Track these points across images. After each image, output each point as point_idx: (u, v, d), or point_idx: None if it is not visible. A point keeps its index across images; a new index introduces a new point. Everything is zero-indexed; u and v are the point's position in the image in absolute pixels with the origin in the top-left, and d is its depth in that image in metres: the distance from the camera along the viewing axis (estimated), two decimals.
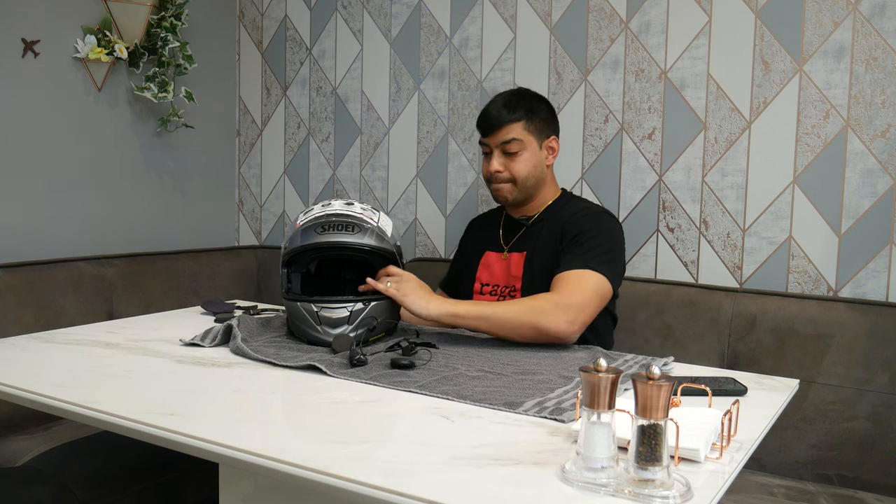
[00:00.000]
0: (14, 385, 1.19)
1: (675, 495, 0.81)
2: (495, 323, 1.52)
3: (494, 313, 1.52)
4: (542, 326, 1.50)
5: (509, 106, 1.76)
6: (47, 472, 1.62)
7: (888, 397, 1.68)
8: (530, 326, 1.51)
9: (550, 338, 1.52)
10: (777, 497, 1.61)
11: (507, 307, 1.53)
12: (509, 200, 1.80)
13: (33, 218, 2.22)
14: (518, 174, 1.76)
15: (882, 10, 1.81)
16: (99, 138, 2.38)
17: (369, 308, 1.48)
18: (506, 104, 1.77)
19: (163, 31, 2.40)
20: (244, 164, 2.85)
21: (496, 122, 1.76)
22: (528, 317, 1.51)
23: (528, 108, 1.77)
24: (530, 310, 1.52)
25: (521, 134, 1.75)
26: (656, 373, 0.81)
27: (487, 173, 1.79)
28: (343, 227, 1.50)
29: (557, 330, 1.51)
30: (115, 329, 1.65)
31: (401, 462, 0.91)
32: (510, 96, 1.80)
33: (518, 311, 1.52)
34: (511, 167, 1.76)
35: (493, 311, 1.52)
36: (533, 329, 1.51)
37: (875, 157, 1.84)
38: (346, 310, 1.47)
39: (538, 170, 1.78)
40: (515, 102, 1.78)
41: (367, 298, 1.49)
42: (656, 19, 2.06)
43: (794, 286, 1.94)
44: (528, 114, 1.77)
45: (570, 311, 1.52)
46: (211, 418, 1.07)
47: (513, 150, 1.75)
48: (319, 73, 2.66)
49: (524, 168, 1.76)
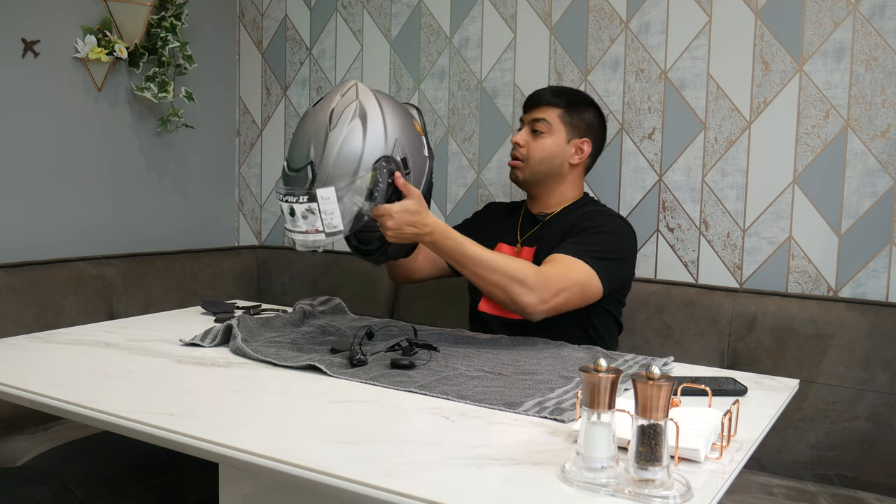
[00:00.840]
0: (14, 385, 1.19)
1: (675, 495, 0.81)
2: (473, 270, 1.53)
3: (475, 257, 1.52)
4: (514, 295, 1.52)
5: (555, 92, 1.83)
6: (47, 472, 1.62)
7: (888, 397, 1.68)
8: (504, 290, 1.52)
9: (517, 308, 1.54)
10: (777, 497, 1.61)
11: (489, 258, 1.53)
12: (519, 179, 1.82)
13: (33, 218, 2.22)
14: (533, 154, 1.78)
15: (882, 10, 1.81)
16: (99, 138, 2.38)
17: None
18: (554, 91, 1.83)
19: (163, 31, 2.40)
20: (244, 164, 2.85)
21: (536, 99, 1.82)
22: (505, 280, 1.52)
23: (572, 101, 1.82)
24: (510, 275, 1.52)
25: (553, 119, 1.79)
26: (656, 373, 0.82)
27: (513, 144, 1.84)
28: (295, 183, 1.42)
29: (525, 303, 1.52)
30: (115, 329, 1.65)
31: (401, 462, 0.91)
32: (561, 87, 1.89)
33: (497, 268, 1.52)
34: (530, 145, 1.79)
35: (473, 254, 1.52)
36: (505, 294, 1.52)
37: (875, 157, 1.84)
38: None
39: (556, 160, 1.79)
40: (563, 93, 1.84)
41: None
42: (656, 19, 2.06)
43: (794, 286, 1.94)
44: (570, 106, 1.81)
45: (547, 290, 1.53)
46: (211, 418, 1.07)
47: (540, 130, 1.79)
48: (319, 73, 2.66)
49: (541, 151, 1.78)
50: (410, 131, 1.50)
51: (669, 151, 2.07)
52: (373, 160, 1.42)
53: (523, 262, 1.57)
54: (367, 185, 1.41)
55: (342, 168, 1.39)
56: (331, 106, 1.45)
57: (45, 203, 2.25)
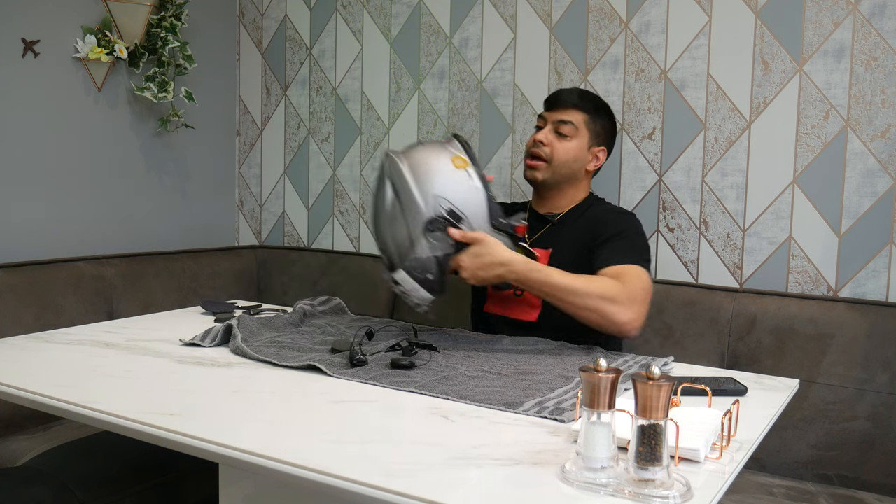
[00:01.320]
0: (14, 385, 1.19)
1: (675, 495, 0.81)
2: (563, 300, 1.49)
3: (563, 286, 1.49)
4: (610, 315, 1.48)
5: (583, 97, 1.81)
6: (47, 472, 1.62)
7: (888, 397, 1.68)
8: (598, 312, 1.48)
9: (614, 328, 1.50)
10: (777, 497, 1.61)
11: (578, 284, 1.50)
12: (538, 179, 1.79)
13: (33, 218, 2.22)
14: (559, 156, 1.77)
15: (882, 10, 1.81)
16: (99, 138, 2.38)
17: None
18: (581, 95, 1.82)
19: (163, 31, 2.40)
20: (244, 164, 2.85)
21: (566, 100, 1.79)
22: (598, 302, 1.48)
23: (598, 108, 1.82)
24: (602, 296, 1.49)
25: (580, 123, 1.78)
26: (656, 373, 0.82)
27: (530, 143, 1.81)
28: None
29: (623, 321, 1.49)
30: (115, 329, 1.65)
31: (401, 462, 0.91)
32: (586, 91, 1.85)
33: (588, 292, 1.49)
34: (555, 146, 1.77)
35: (562, 284, 1.49)
36: (600, 316, 1.49)
37: (875, 157, 1.84)
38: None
39: (577, 164, 1.79)
40: (591, 98, 1.82)
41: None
42: (656, 19, 2.06)
43: (794, 286, 1.94)
44: (595, 113, 1.80)
45: (635, 305, 1.51)
46: (211, 418, 1.07)
47: (565, 133, 1.77)
48: (319, 73, 2.66)
49: (566, 154, 1.77)
50: (449, 176, 1.48)
51: (669, 151, 2.07)
52: (420, 231, 1.45)
53: (606, 280, 1.54)
54: (427, 253, 1.45)
55: (402, 249, 1.47)
56: (380, 193, 1.53)
57: (45, 203, 2.25)
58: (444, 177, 1.47)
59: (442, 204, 1.45)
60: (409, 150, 1.54)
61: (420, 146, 1.54)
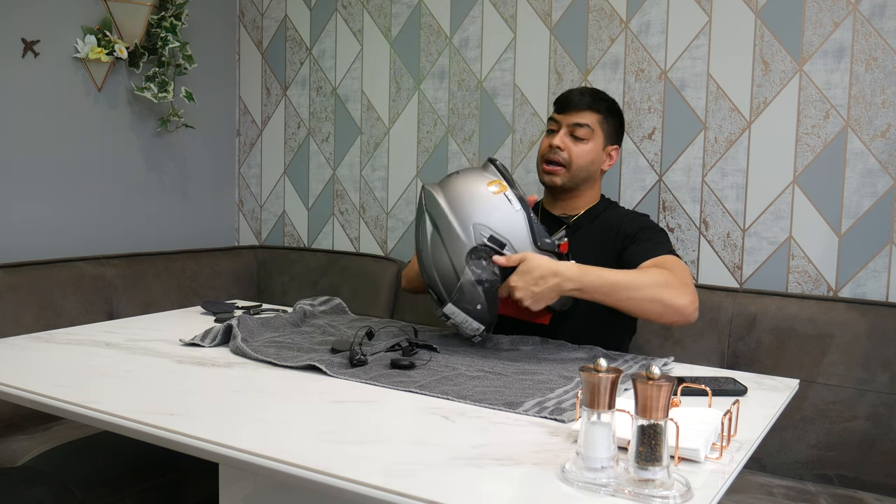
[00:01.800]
0: (14, 385, 1.19)
1: (675, 495, 0.81)
2: (622, 297, 1.46)
3: (621, 288, 1.46)
4: (670, 302, 1.45)
5: (595, 97, 1.78)
6: (47, 472, 1.62)
7: (888, 397, 1.68)
8: (659, 301, 1.46)
9: (675, 314, 1.47)
10: (777, 497, 1.61)
11: (632, 278, 1.48)
12: (557, 185, 1.76)
13: (33, 218, 2.22)
14: (577, 160, 1.74)
15: (882, 10, 1.81)
16: (99, 138, 2.38)
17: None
18: (593, 94, 1.78)
19: (163, 31, 2.40)
20: (244, 164, 2.85)
21: (578, 102, 1.76)
22: (656, 292, 1.46)
23: (610, 108, 1.79)
24: (657, 284, 1.46)
25: (595, 125, 1.75)
26: (656, 373, 0.82)
27: (546, 149, 1.77)
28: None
29: (683, 304, 1.46)
30: (115, 329, 1.65)
31: (401, 462, 0.91)
32: (597, 91, 1.82)
33: (644, 283, 1.47)
34: (572, 150, 1.74)
35: (620, 284, 1.46)
36: (661, 304, 1.46)
37: (875, 157, 1.84)
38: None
39: (594, 166, 1.77)
40: (602, 98, 1.79)
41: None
42: (656, 19, 2.06)
43: (794, 286, 1.94)
44: (608, 113, 1.78)
45: (688, 287, 1.49)
46: (211, 418, 1.07)
47: (581, 136, 1.74)
48: (319, 73, 2.66)
49: (585, 157, 1.75)
50: (487, 202, 1.46)
51: (669, 151, 2.07)
52: (464, 262, 1.44)
53: (654, 270, 1.52)
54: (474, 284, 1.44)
55: (447, 283, 1.46)
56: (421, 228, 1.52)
57: (45, 203, 2.25)
58: (482, 203, 1.46)
59: (483, 232, 1.44)
60: (445, 180, 1.52)
61: (456, 175, 1.53)
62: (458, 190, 1.48)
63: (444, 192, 1.49)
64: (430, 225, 1.47)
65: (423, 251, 1.50)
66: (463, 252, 1.43)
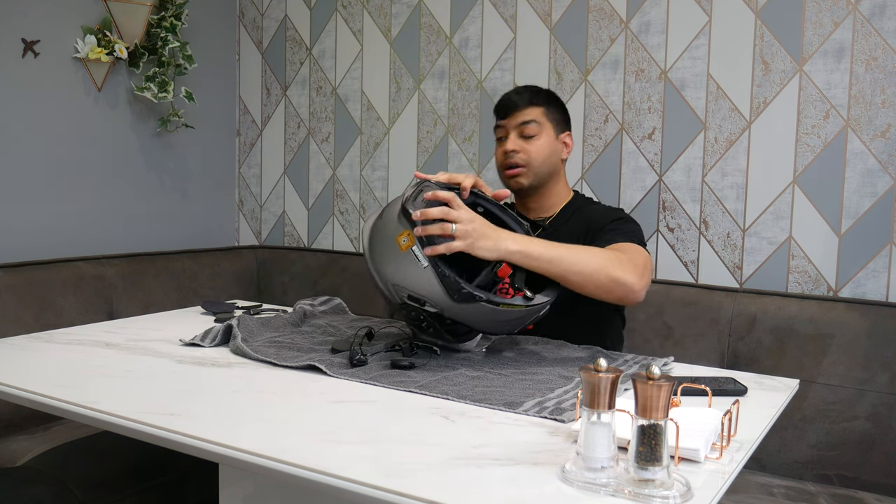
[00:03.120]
0: (14, 385, 1.19)
1: (675, 495, 0.81)
2: (569, 269, 1.43)
3: (568, 258, 1.43)
4: (617, 277, 1.44)
5: (530, 91, 1.77)
6: (47, 472, 1.62)
7: (888, 397, 1.68)
8: (604, 274, 1.44)
9: (624, 290, 1.46)
10: (777, 497, 1.61)
11: (581, 254, 1.46)
12: (525, 185, 1.75)
13: (33, 218, 2.22)
14: (534, 157, 1.73)
15: (882, 10, 1.81)
16: (99, 138, 2.38)
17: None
18: (527, 89, 1.77)
19: (163, 31, 2.40)
20: (244, 164, 2.85)
21: (518, 102, 1.75)
22: (602, 265, 1.45)
23: (549, 98, 1.78)
24: (606, 259, 1.46)
25: (540, 118, 1.74)
26: (656, 373, 0.81)
27: (502, 156, 1.76)
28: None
29: (629, 280, 1.45)
30: (115, 329, 1.65)
31: (401, 462, 0.91)
32: (530, 86, 1.81)
33: (594, 259, 1.45)
34: (527, 149, 1.73)
35: (566, 256, 1.44)
36: (606, 277, 1.45)
37: (875, 157, 1.84)
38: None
39: (553, 158, 1.76)
40: (536, 91, 1.78)
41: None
42: (656, 19, 2.06)
43: (794, 286, 1.94)
44: (549, 103, 1.77)
45: (639, 269, 1.48)
46: (211, 418, 1.07)
47: (530, 133, 1.73)
48: (319, 73, 2.66)
49: (540, 152, 1.74)
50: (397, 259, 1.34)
51: (669, 151, 2.07)
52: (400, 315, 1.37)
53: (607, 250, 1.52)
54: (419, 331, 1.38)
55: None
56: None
57: (46, 203, 2.25)
58: (394, 262, 1.35)
59: (401, 293, 1.34)
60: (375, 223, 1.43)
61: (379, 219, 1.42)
62: (376, 241, 1.40)
63: (370, 243, 1.41)
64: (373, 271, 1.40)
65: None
66: (394, 306, 1.38)
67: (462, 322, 1.34)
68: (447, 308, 1.31)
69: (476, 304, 1.31)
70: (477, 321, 1.35)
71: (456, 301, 1.31)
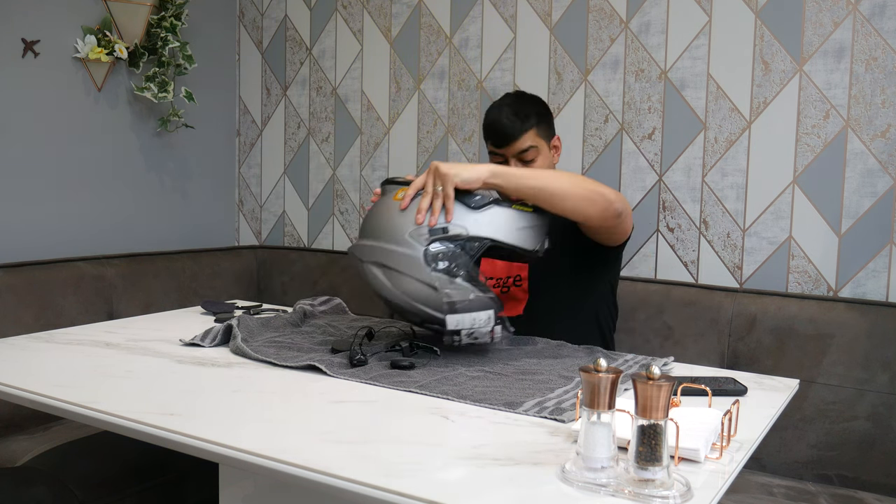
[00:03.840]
0: (14, 385, 1.19)
1: (675, 495, 0.81)
2: (549, 181, 1.45)
3: (544, 173, 1.48)
4: (600, 189, 1.49)
5: (520, 115, 1.73)
6: (47, 472, 1.62)
7: (888, 397, 1.68)
8: (589, 188, 1.48)
9: (606, 202, 1.49)
10: (777, 497, 1.61)
11: (556, 172, 1.50)
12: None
13: (33, 218, 2.22)
14: None
15: (882, 10, 1.81)
16: (99, 138, 2.38)
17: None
18: (516, 113, 1.73)
19: (163, 31, 2.40)
20: (244, 164, 2.85)
21: (512, 133, 1.72)
22: (582, 180, 1.49)
23: (537, 112, 1.76)
24: (583, 178, 1.50)
25: (536, 140, 1.73)
26: (656, 373, 0.81)
27: None
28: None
29: (608, 193, 1.49)
30: (115, 329, 1.65)
31: (401, 462, 0.91)
32: (515, 103, 1.77)
33: (568, 175, 1.50)
34: None
35: (542, 173, 1.48)
36: (592, 191, 1.48)
37: (875, 157, 1.84)
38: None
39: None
40: (524, 109, 1.75)
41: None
42: (656, 19, 2.06)
43: (794, 286, 1.94)
44: (538, 118, 1.75)
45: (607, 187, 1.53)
46: (211, 418, 1.07)
47: (530, 158, 1.73)
48: (319, 73, 2.66)
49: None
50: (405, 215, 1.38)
51: (669, 151, 2.07)
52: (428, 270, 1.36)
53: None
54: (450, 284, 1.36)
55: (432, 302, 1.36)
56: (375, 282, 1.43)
57: (45, 203, 2.25)
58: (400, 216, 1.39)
59: (420, 234, 1.36)
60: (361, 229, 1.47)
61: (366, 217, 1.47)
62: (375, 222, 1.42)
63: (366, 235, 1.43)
64: (376, 269, 1.39)
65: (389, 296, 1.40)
66: (420, 263, 1.35)
67: (487, 238, 1.37)
68: (471, 223, 1.37)
69: (491, 208, 1.38)
70: (500, 231, 1.39)
71: (473, 209, 1.38)
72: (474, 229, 1.37)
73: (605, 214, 1.51)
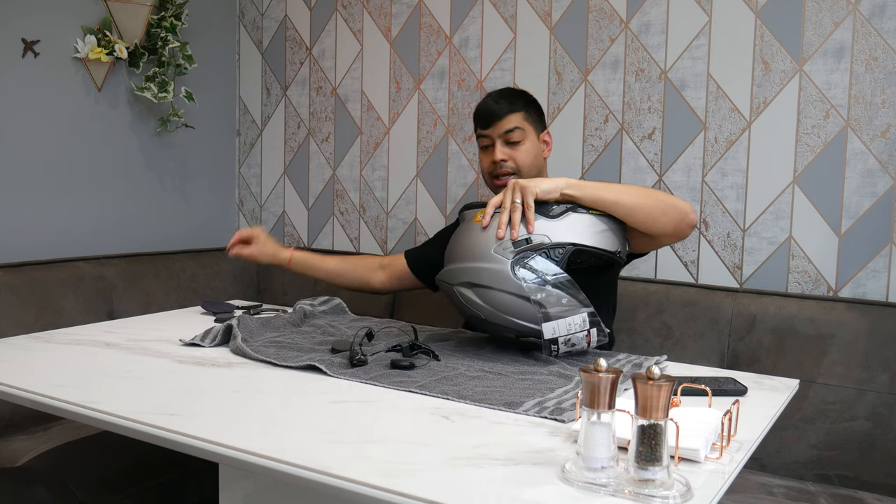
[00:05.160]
0: (14, 385, 1.19)
1: (675, 495, 0.81)
2: (622, 192, 1.46)
3: (616, 186, 1.48)
4: (673, 201, 1.50)
5: (508, 98, 1.77)
6: (47, 472, 1.62)
7: (888, 397, 1.68)
8: (663, 201, 1.49)
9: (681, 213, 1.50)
10: (777, 497, 1.61)
11: (631, 188, 1.50)
12: None
13: (33, 218, 2.22)
14: (522, 163, 1.75)
15: (882, 10, 1.81)
16: (99, 138, 2.38)
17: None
18: (504, 96, 1.78)
19: (163, 31, 2.40)
20: (244, 164, 2.85)
21: (498, 112, 1.75)
22: (658, 194, 1.50)
23: (526, 100, 1.79)
24: (655, 190, 1.50)
25: (523, 123, 1.75)
26: (656, 373, 0.82)
27: (490, 165, 1.77)
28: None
29: (688, 208, 1.51)
30: (115, 329, 1.65)
31: (401, 462, 0.91)
32: (505, 91, 1.82)
33: (645, 191, 1.50)
34: (514, 156, 1.75)
35: (614, 185, 1.48)
36: (667, 203, 1.49)
37: (875, 157, 1.84)
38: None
39: (538, 160, 1.79)
40: (512, 95, 1.79)
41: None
42: (656, 19, 2.06)
43: (794, 286, 1.94)
44: (527, 105, 1.78)
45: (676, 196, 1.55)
46: (211, 418, 1.07)
47: (515, 140, 1.74)
48: (319, 73, 2.66)
49: (527, 157, 1.76)
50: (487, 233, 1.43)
51: (669, 151, 2.07)
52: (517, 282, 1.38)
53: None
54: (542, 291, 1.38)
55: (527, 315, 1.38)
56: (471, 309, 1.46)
57: (45, 203, 2.25)
58: (484, 235, 1.42)
59: (505, 249, 1.39)
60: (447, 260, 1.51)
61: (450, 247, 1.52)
62: (459, 246, 1.47)
63: (452, 260, 1.47)
64: (470, 292, 1.41)
65: (482, 313, 1.42)
66: (509, 276, 1.37)
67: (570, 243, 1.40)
68: (552, 231, 1.39)
69: (569, 215, 1.42)
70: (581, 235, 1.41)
71: (552, 217, 1.41)
72: (556, 236, 1.39)
73: (680, 226, 1.52)
